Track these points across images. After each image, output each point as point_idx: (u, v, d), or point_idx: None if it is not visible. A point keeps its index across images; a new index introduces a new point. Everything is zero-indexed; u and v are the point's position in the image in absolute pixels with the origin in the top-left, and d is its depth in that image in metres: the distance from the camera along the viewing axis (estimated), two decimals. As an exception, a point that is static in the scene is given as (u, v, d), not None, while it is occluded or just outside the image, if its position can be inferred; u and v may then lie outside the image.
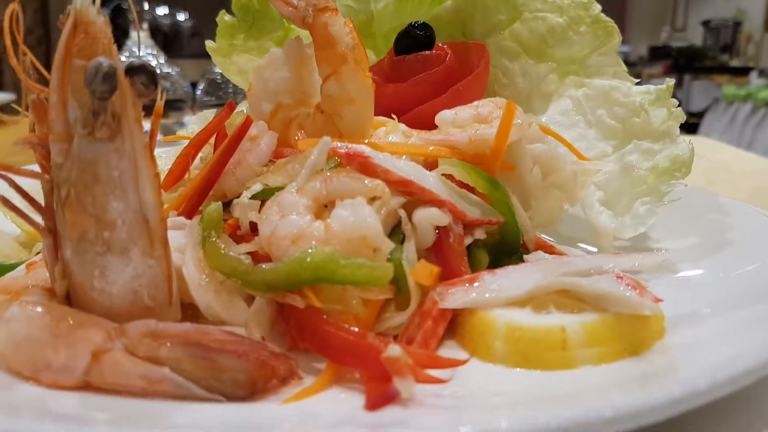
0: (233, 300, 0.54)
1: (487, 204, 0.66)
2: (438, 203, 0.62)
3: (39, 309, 0.49)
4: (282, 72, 0.71)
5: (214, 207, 0.59)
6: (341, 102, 0.66)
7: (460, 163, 0.65)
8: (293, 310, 0.52)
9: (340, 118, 0.67)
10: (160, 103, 0.52)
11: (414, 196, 0.62)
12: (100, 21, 0.48)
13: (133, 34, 1.91)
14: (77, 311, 0.50)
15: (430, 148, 0.70)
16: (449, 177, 0.65)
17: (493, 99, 0.76)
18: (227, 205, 0.67)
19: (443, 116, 0.74)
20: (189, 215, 0.66)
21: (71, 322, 0.48)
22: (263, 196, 0.62)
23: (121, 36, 2.01)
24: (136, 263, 0.50)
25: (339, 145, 0.61)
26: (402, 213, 0.60)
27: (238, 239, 0.60)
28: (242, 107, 0.81)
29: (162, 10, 7.08)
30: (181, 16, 7.17)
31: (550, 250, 0.69)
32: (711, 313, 0.56)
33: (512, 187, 0.72)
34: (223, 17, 1.00)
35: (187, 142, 0.79)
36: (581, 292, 0.53)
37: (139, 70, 0.50)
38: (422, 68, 0.89)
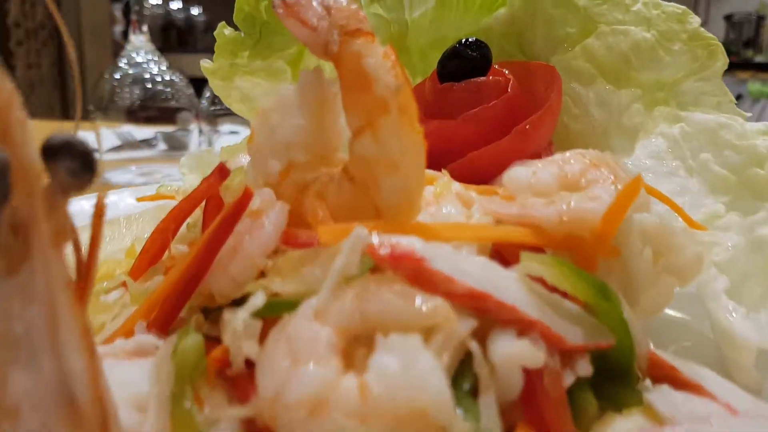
0: None
1: (590, 315, 0.45)
2: (525, 324, 0.42)
3: None
4: (295, 118, 0.51)
5: (191, 343, 0.39)
6: (379, 167, 0.46)
7: (553, 260, 0.44)
8: None
9: (377, 189, 0.46)
10: (101, 204, 0.32)
11: (489, 315, 0.42)
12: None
13: (133, 38, 1.71)
14: None
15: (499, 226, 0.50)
16: (538, 280, 0.44)
17: (582, 152, 0.56)
18: (215, 312, 0.47)
19: (516, 177, 0.54)
20: (163, 327, 0.47)
21: None
22: (267, 313, 0.42)
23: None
24: (55, 470, 0.31)
25: (378, 240, 0.41)
26: (474, 347, 0.40)
27: (229, 384, 0.41)
28: (240, 159, 0.61)
29: (176, 4, 6.99)
30: (195, 11, 7.06)
31: (671, 374, 0.49)
32: None
33: (614, 275, 0.52)
34: (223, 31, 0.80)
35: (169, 203, 0.60)
36: None
37: (62, 151, 0.30)
38: (476, 100, 0.68)
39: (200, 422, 0.35)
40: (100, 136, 1.79)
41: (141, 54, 1.68)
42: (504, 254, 0.50)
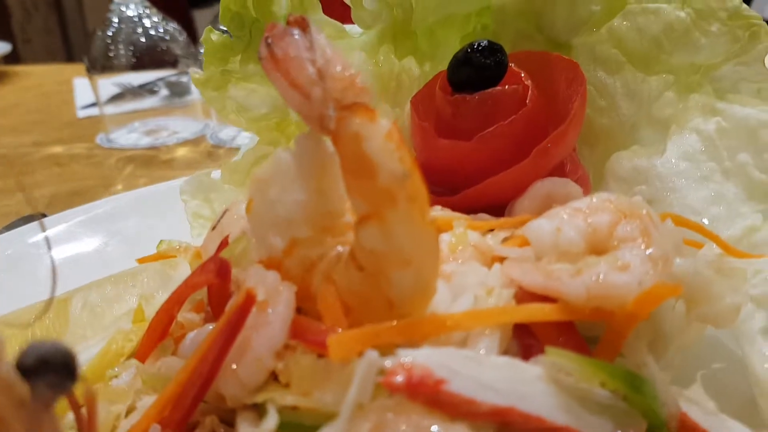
0: None
1: (620, 400, 0.43)
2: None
3: None
4: (295, 193, 0.47)
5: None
6: (389, 262, 0.42)
7: (580, 358, 0.41)
8: None
9: (388, 283, 0.43)
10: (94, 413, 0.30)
11: (515, 427, 0.40)
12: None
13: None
14: None
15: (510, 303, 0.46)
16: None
17: (611, 198, 0.51)
18: (230, 413, 0.46)
19: (539, 233, 0.50)
20: (178, 429, 0.46)
21: None
22: (285, 431, 0.41)
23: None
24: None
25: (391, 364, 0.38)
26: (500, 472, 0.38)
27: None
28: (239, 207, 0.57)
29: None
30: None
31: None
32: None
33: (642, 332, 0.49)
34: (210, 36, 0.73)
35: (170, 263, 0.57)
36: None
37: (40, 369, 0.28)
38: (491, 114, 0.63)
39: None
40: (98, 92, 1.73)
41: (131, 7, 1.58)
42: (528, 325, 0.47)
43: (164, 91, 1.90)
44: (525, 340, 0.47)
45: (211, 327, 0.51)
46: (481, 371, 0.40)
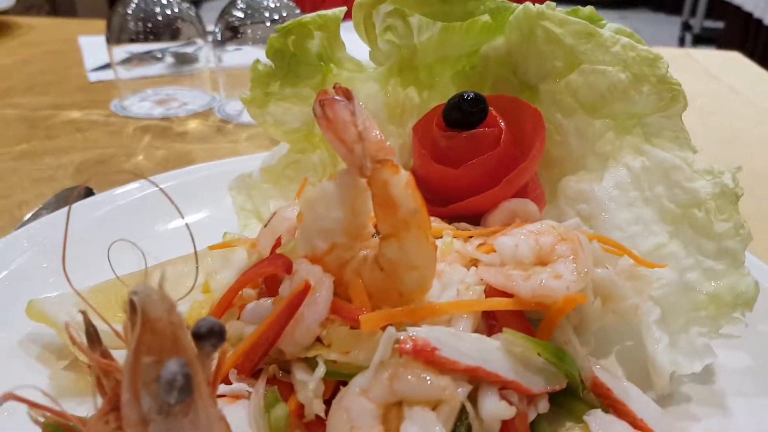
0: None
1: (550, 365, 0.65)
2: (504, 384, 0.62)
3: None
4: (336, 212, 0.66)
5: (281, 413, 0.59)
6: (402, 267, 0.63)
7: (524, 337, 0.63)
8: None
9: (400, 281, 0.64)
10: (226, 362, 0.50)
11: (480, 381, 0.61)
12: (167, 316, 0.45)
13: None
14: None
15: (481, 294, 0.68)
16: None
17: (554, 225, 0.72)
18: (286, 363, 0.67)
19: (504, 247, 0.71)
20: (249, 373, 0.66)
21: None
22: (328, 378, 0.62)
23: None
24: None
25: (403, 337, 0.59)
26: (468, 407, 0.60)
27: (305, 428, 0.61)
28: (288, 213, 0.77)
29: None
30: None
31: (606, 393, 0.69)
32: None
33: (571, 319, 0.71)
34: (257, 66, 0.91)
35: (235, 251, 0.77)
36: None
37: (208, 335, 0.48)
38: (474, 149, 0.83)
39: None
40: (113, 59, 1.87)
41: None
42: (492, 312, 0.68)
43: (169, 59, 2.04)
44: (490, 322, 0.68)
45: (266, 300, 0.71)
46: (460, 343, 0.61)
